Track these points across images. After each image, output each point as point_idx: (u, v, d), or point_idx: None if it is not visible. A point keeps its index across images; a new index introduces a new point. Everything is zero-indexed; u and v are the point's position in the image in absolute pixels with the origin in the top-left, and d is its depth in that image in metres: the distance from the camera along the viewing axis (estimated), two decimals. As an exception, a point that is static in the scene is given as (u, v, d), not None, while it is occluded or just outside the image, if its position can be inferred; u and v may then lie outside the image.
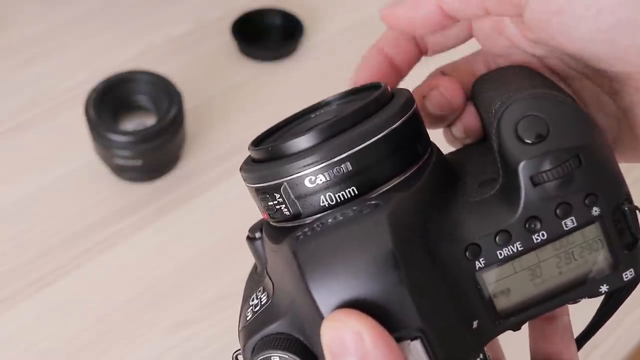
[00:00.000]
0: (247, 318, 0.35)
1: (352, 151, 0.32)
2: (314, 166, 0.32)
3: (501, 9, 0.36)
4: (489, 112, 0.34)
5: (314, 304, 0.30)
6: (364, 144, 0.32)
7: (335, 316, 0.29)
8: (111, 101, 0.84)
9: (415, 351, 0.30)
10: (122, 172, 0.83)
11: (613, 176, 0.32)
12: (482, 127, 0.39)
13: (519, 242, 0.31)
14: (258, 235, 0.37)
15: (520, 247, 0.32)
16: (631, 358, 0.76)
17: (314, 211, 0.33)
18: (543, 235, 0.31)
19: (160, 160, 0.84)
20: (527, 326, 0.40)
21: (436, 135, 0.40)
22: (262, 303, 0.34)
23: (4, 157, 0.87)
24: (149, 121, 0.84)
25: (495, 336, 0.33)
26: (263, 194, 0.34)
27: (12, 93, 0.93)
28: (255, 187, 0.34)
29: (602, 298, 0.36)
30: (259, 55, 0.99)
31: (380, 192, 0.32)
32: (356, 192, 0.32)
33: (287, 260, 0.31)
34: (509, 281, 0.32)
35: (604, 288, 0.33)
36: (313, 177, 0.32)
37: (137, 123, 0.87)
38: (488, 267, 0.32)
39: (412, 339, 0.30)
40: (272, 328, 0.33)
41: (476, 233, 0.32)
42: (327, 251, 0.30)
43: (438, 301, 0.31)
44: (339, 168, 0.32)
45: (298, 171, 0.32)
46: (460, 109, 0.40)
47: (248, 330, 0.34)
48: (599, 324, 0.38)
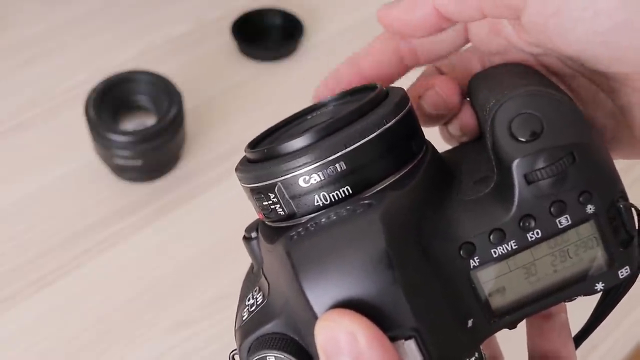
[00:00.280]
0: (243, 318, 0.35)
1: (346, 150, 0.32)
2: (308, 166, 0.32)
3: (498, 12, 0.35)
4: (484, 110, 0.34)
5: (308, 304, 0.30)
6: (358, 143, 0.32)
7: (329, 316, 0.29)
8: (111, 101, 0.84)
9: (409, 350, 0.30)
10: (122, 172, 0.83)
11: (608, 174, 0.32)
12: (478, 125, 0.39)
13: (514, 241, 0.31)
14: (254, 235, 0.37)
15: (514, 246, 0.31)
16: (630, 358, 0.76)
17: (309, 211, 0.33)
18: (537, 233, 0.31)
19: (160, 160, 0.84)
20: (525, 324, 0.40)
21: (432, 133, 0.40)
22: (258, 303, 0.34)
23: (4, 157, 0.87)
24: (149, 121, 0.84)
25: (490, 335, 0.33)
26: (258, 194, 0.34)
27: (12, 93, 0.93)
28: (250, 187, 0.34)
29: (599, 296, 0.36)
30: (259, 55, 0.99)
31: (374, 192, 0.32)
32: (350, 192, 0.32)
33: (281, 260, 0.31)
34: (504, 280, 0.32)
35: (600, 286, 0.33)
36: (307, 177, 0.32)
37: (137, 123, 0.87)
38: (483, 266, 0.32)
39: (406, 339, 0.30)
40: (268, 328, 0.33)
41: (470, 231, 0.32)
42: (321, 251, 0.30)
43: (432, 300, 0.31)
44: (333, 167, 0.32)
45: (292, 171, 0.32)
46: (456, 108, 0.39)
47: (244, 330, 0.34)
48: (597, 322, 0.38)
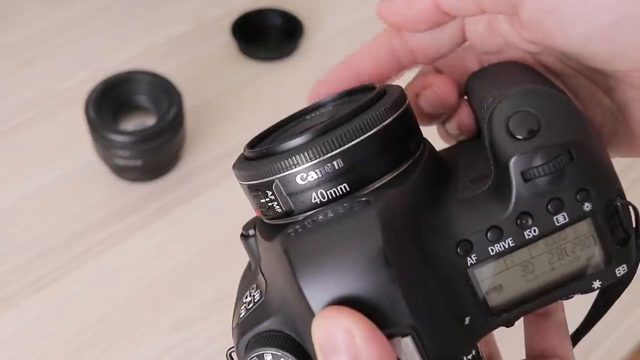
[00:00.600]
0: (241, 315, 0.35)
1: (343, 148, 0.32)
2: (306, 163, 0.32)
3: (497, 7, 0.35)
4: (482, 108, 0.34)
5: (305, 301, 0.30)
6: (355, 141, 0.32)
7: (326, 313, 0.29)
8: (111, 101, 0.84)
9: (406, 348, 0.30)
10: (122, 172, 0.84)
11: (605, 172, 0.32)
12: (476, 124, 0.39)
13: (511, 238, 0.31)
14: (252, 232, 0.36)
15: (512, 243, 0.31)
16: (630, 358, 0.76)
17: (306, 208, 0.33)
18: (535, 231, 0.31)
19: (160, 160, 0.84)
20: (522, 322, 0.40)
21: (430, 131, 0.40)
22: (255, 300, 0.34)
23: (4, 157, 0.87)
24: (149, 121, 0.84)
25: (487, 332, 0.33)
26: (255, 192, 0.34)
27: (12, 93, 0.93)
28: (247, 185, 0.34)
29: (596, 294, 0.36)
30: (259, 55, 0.99)
31: (371, 189, 0.32)
32: (348, 189, 0.32)
33: (279, 257, 0.31)
34: (501, 277, 0.32)
35: (597, 284, 0.33)
36: (305, 174, 0.32)
37: (137, 123, 0.87)
38: (480, 264, 0.32)
39: (403, 336, 0.29)
40: (265, 325, 0.33)
41: (468, 229, 0.32)
42: (318, 248, 0.30)
43: (429, 298, 0.31)
44: (331, 165, 0.32)
45: (290, 168, 0.32)
46: (454, 107, 0.40)
47: (241, 327, 0.34)
48: (594, 321, 0.38)
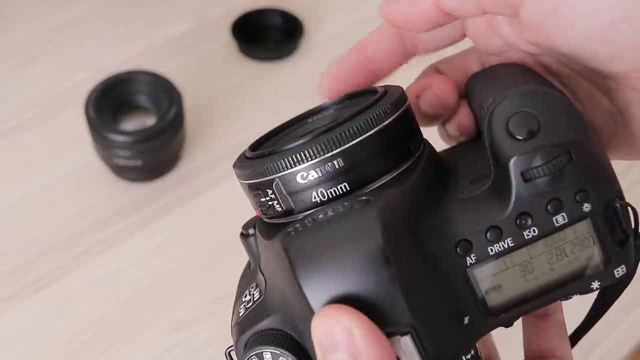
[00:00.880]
0: (240, 314, 0.35)
1: (344, 147, 0.32)
2: (306, 162, 0.32)
3: (497, 8, 0.35)
4: (482, 109, 0.34)
5: (305, 300, 0.30)
6: (355, 141, 0.32)
7: (325, 312, 0.29)
8: (111, 101, 0.84)
9: (405, 347, 0.30)
10: (122, 172, 0.84)
11: (604, 172, 0.32)
12: (476, 125, 0.39)
13: (510, 238, 0.31)
14: (251, 231, 0.37)
15: (511, 243, 0.31)
16: (630, 358, 0.76)
17: (306, 207, 0.33)
18: (534, 231, 0.31)
19: (160, 160, 0.84)
20: (521, 323, 0.40)
21: (431, 132, 0.40)
22: (255, 299, 0.34)
23: (4, 157, 0.87)
24: (149, 121, 0.84)
25: (486, 332, 0.33)
26: (256, 190, 0.34)
27: (12, 93, 0.93)
28: (248, 184, 0.34)
29: (596, 295, 0.36)
30: (259, 55, 0.99)
31: (371, 189, 0.32)
32: (348, 188, 0.32)
33: (279, 256, 0.31)
34: (500, 277, 0.32)
35: (596, 284, 0.33)
36: (305, 173, 0.32)
37: (137, 123, 0.87)
38: (479, 263, 0.32)
39: (403, 335, 0.29)
40: (264, 324, 0.33)
41: (467, 229, 0.32)
42: (318, 247, 0.30)
43: (428, 297, 0.31)
44: (331, 164, 0.32)
45: (290, 167, 0.32)
46: (453, 108, 0.40)
47: (240, 326, 0.34)
48: (593, 321, 0.38)
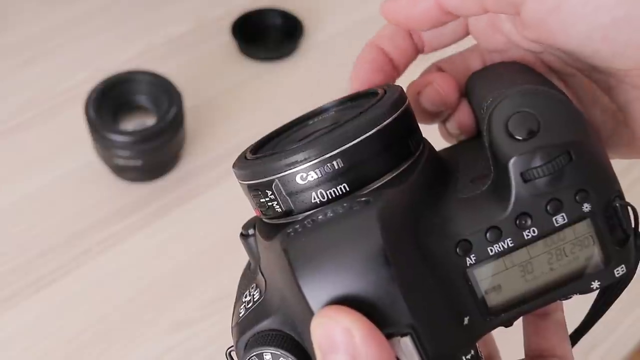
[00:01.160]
0: (240, 315, 0.35)
1: (343, 148, 0.32)
2: (305, 163, 0.32)
3: (499, 7, 0.35)
4: (481, 109, 0.34)
5: (304, 300, 0.30)
6: (355, 141, 0.32)
7: (325, 312, 0.29)
8: (111, 101, 0.84)
9: (405, 347, 0.30)
10: (122, 172, 0.84)
11: (604, 172, 0.32)
12: (476, 123, 0.39)
13: (510, 239, 0.31)
14: (251, 232, 0.36)
15: (511, 244, 0.31)
16: (630, 358, 0.76)
17: (306, 208, 0.33)
18: (534, 231, 0.31)
19: (160, 160, 0.84)
20: (521, 322, 0.40)
21: (431, 130, 0.40)
22: (255, 300, 0.34)
23: (4, 157, 0.87)
24: (149, 121, 0.84)
25: (486, 332, 0.33)
26: (255, 191, 0.34)
27: (12, 93, 0.93)
28: (247, 184, 0.34)
29: (596, 295, 0.36)
30: (259, 55, 0.99)
31: (371, 189, 0.32)
32: (347, 189, 0.32)
33: (278, 256, 0.31)
34: (500, 277, 0.32)
35: (596, 284, 0.33)
36: (304, 174, 0.32)
37: (137, 123, 0.87)
38: (479, 264, 0.32)
39: (402, 335, 0.29)
40: (264, 325, 0.33)
41: (467, 229, 0.32)
42: (317, 247, 0.30)
43: (428, 297, 0.31)
44: (330, 165, 0.32)
45: (289, 168, 0.32)
46: (454, 105, 0.40)
47: (241, 327, 0.34)
48: (593, 321, 0.38)
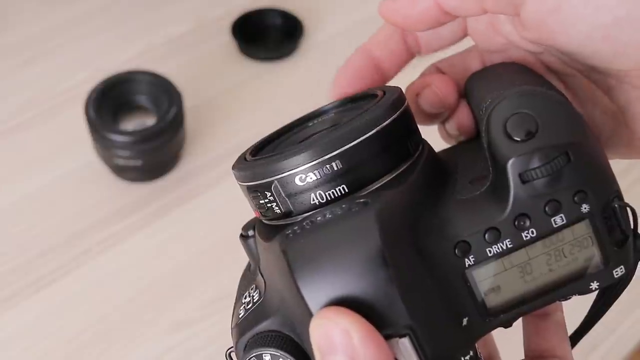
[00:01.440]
0: (240, 316, 0.35)
1: (342, 149, 0.32)
2: (304, 164, 0.32)
3: (499, 7, 0.35)
4: (480, 110, 0.34)
5: (303, 302, 0.30)
6: (354, 142, 0.32)
7: (323, 314, 0.29)
8: (111, 101, 0.84)
9: (404, 348, 0.30)
10: (122, 172, 0.84)
11: (602, 173, 0.32)
12: (475, 124, 0.39)
13: (509, 240, 0.31)
14: (251, 233, 0.37)
15: (509, 245, 0.31)
16: (631, 358, 0.76)
17: (305, 209, 0.33)
18: (532, 232, 0.31)
19: (160, 160, 0.84)
20: (521, 323, 0.40)
21: (431, 131, 0.40)
22: (254, 301, 0.35)
23: (4, 157, 0.87)
24: (149, 121, 0.84)
25: (485, 333, 0.33)
26: (254, 192, 0.34)
27: (12, 93, 0.93)
28: (247, 186, 0.34)
29: (595, 295, 0.36)
30: (259, 55, 0.99)
31: (370, 190, 0.32)
32: (346, 190, 0.32)
33: (277, 257, 0.31)
34: (499, 278, 0.32)
35: (595, 285, 0.33)
36: (303, 176, 0.32)
37: (137, 123, 0.87)
38: (478, 265, 0.32)
39: (401, 336, 0.30)
40: (264, 326, 0.33)
41: (466, 230, 0.32)
42: (316, 249, 0.30)
43: (427, 299, 0.31)
44: (329, 166, 0.32)
45: (288, 169, 0.32)
46: (453, 107, 0.40)
47: (240, 328, 0.34)
48: (592, 322, 0.38)
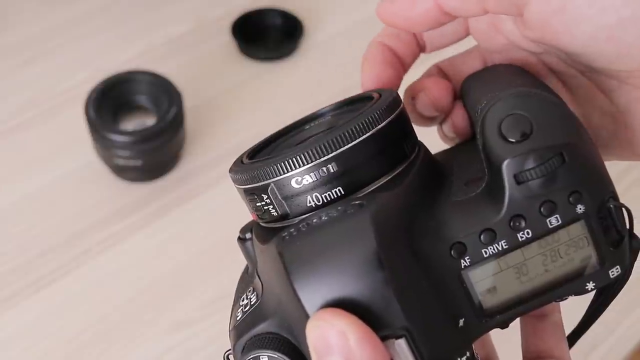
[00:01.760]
0: (237, 318, 0.35)
1: (338, 152, 0.32)
2: (300, 167, 0.32)
3: (501, 8, 0.35)
4: (475, 111, 0.34)
5: (300, 304, 0.30)
6: (350, 145, 0.32)
7: (320, 315, 0.29)
8: (111, 101, 0.84)
9: (400, 350, 0.30)
10: (122, 172, 0.84)
11: (597, 174, 0.32)
12: (471, 126, 0.39)
13: (504, 241, 0.31)
14: (248, 235, 0.37)
15: (505, 246, 0.31)
16: (630, 359, 0.76)
17: (302, 211, 0.33)
18: (528, 233, 0.31)
19: (160, 160, 0.84)
20: (519, 323, 0.40)
21: (430, 132, 0.41)
22: (252, 303, 0.35)
23: (4, 157, 0.87)
24: (149, 121, 0.84)
25: (482, 334, 0.33)
26: (251, 195, 0.34)
27: (12, 93, 0.93)
28: (243, 189, 0.34)
29: (592, 296, 0.36)
30: (259, 55, 0.99)
31: (365, 192, 0.32)
32: (342, 192, 0.32)
33: (274, 260, 0.31)
34: (495, 279, 0.32)
35: (591, 285, 0.33)
36: (299, 178, 0.32)
37: (137, 123, 0.87)
38: (474, 266, 0.32)
39: (397, 338, 0.30)
40: (261, 328, 0.33)
41: (461, 232, 0.32)
42: (312, 251, 0.30)
43: (423, 300, 0.31)
44: (325, 169, 0.32)
45: (285, 172, 0.32)
46: (447, 110, 0.39)
47: (238, 330, 0.34)
48: (590, 322, 0.38)
